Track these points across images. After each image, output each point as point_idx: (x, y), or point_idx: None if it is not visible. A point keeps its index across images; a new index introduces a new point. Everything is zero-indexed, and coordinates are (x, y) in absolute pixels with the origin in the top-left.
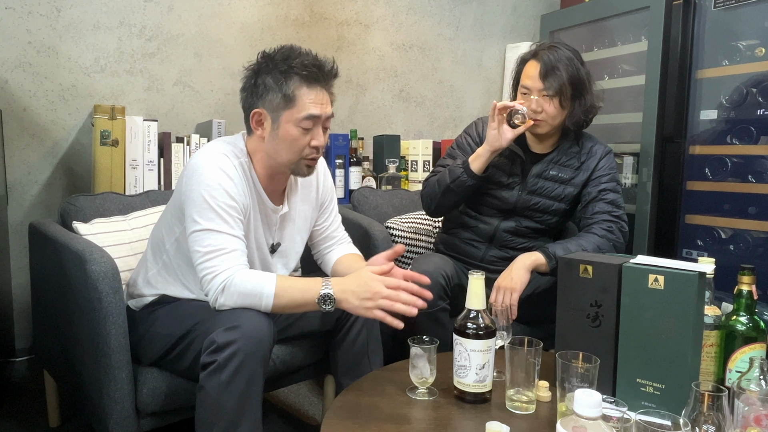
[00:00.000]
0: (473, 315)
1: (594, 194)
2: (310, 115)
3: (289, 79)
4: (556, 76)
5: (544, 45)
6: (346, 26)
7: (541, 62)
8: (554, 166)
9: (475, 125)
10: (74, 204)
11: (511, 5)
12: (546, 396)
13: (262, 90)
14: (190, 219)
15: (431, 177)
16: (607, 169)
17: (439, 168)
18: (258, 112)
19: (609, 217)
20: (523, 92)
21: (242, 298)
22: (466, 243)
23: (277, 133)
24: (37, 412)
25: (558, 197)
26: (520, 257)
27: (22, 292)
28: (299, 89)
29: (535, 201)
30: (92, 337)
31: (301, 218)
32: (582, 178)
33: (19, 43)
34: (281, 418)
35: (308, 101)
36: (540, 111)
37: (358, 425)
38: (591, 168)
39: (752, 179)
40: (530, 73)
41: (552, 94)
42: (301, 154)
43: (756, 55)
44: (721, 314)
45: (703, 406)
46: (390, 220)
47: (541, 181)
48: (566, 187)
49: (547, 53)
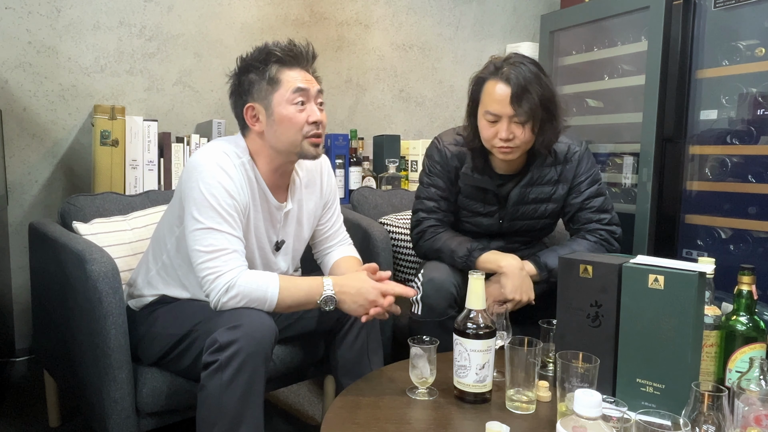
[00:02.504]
0: (473, 315)
1: (577, 206)
2: (298, 88)
3: (269, 66)
4: (527, 98)
5: (505, 60)
6: (346, 26)
7: (509, 83)
8: (532, 189)
9: (438, 152)
10: (74, 204)
11: (511, 5)
12: (546, 396)
13: (247, 86)
14: (190, 217)
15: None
16: (586, 172)
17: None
18: (250, 106)
19: (598, 226)
20: (491, 120)
21: (246, 299)
22: None
23: (273, 119)
24: (37, 412)
25: (542, 215)
26: (513, 264)
27: (22, 292)
28: (280, 71)
29: (520, 225)
30: (92, 337)
31: (305, 215)
32: (562, 191)
33: (19, 43)
34: (281, 418)
35: (292, 78)
36: (512, 138)
37: (358, 425)
38: (570, 178)
39: (752, 179)
40: (496, 97)
41: (524, 119)
42: (301, 132)
43: (756, 55)
44: (721, 314)
45: (703, 406)
46: (385, 216)
47: (522, 206)
48: (548, 204)
49: (512, 71)
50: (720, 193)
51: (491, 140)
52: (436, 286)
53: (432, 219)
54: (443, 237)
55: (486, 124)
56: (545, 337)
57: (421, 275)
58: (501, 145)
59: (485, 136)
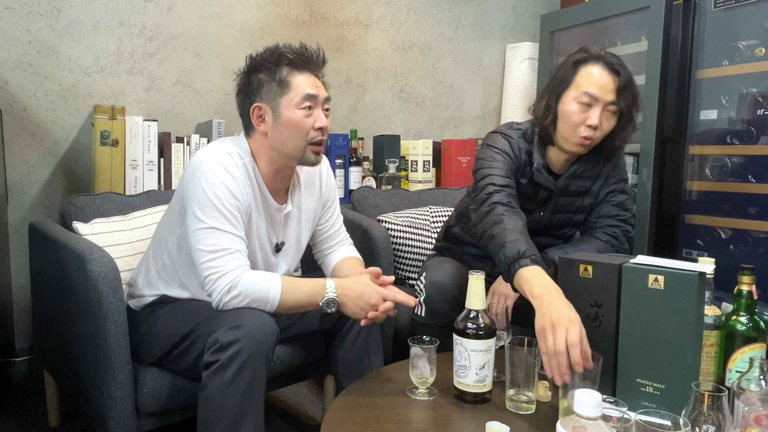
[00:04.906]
0: (473, 315)
1: (602, 196)
2: (308, 94)
3: (280, 68)
4: (630, 89)
5: (604, 51)
6: (346, 26)
7: (614, 72)
8: (574, 182)
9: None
10: (74, 204)
11: (511, 5)
12: (546, 396)
13: (256, 85)
14: (192, 216)
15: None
16: (618, 169)
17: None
18: (257, 106)
19: (615, 222)
20: (586, 102)
21: (248, 300)
22: (475, 258)
23: (280, 121)
24: (37, 412)
25: (578, 210)
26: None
27: (22, 292)
28: (291, 74)
29: (557, 218)
30: (92, 337)
31: (305, 217)
32: (598, 187)
33: (19, 43)
34: (281, 418)
35: (303, 83)
36: (597, 127)
37: (358, 425)
38: (606, 174)
39: (752, 179)
40: (600, 81)
41: (616, 110)
42: (306, 137)
43: (756, 55)
44: (721, 314)
45: (703, 406)
46: (384, 214)
47: (563, 198)
48: (585, 198)
49: (615, 60)
50: (720, 193)
51: (577, 127)
52: (439, 288)
53: (504, 194)
54: (508, 223)
55: (577, 108)
56: None
57: (424, 278)
58: (586, 133)
59: (574, 120)
